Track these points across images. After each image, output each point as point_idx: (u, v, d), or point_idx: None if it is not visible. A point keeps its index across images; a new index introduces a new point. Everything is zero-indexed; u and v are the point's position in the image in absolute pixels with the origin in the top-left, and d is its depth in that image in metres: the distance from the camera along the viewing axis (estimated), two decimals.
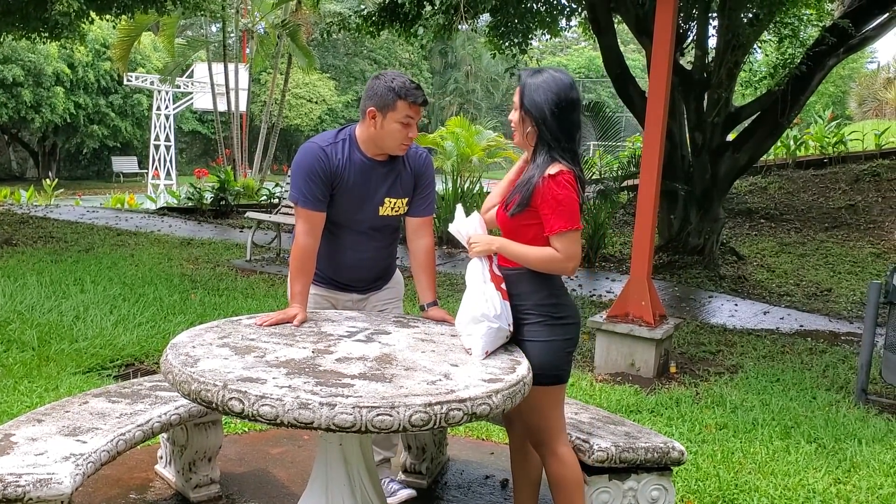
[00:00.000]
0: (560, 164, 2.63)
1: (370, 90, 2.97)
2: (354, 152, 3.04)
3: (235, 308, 6.59)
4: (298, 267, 3.05)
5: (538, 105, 2.65)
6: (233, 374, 2.34)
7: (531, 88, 2.67)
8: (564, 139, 2.65)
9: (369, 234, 3.16)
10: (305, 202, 3.01)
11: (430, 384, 2.35)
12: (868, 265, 9.64)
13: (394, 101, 2.91)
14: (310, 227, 3.04)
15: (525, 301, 2.74)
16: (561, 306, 2.76)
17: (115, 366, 5.21)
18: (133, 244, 9.45)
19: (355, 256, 3.17)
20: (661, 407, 4.83)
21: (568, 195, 2.61)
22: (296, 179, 3.03)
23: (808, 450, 4.23)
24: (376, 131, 2.96)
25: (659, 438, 3.11)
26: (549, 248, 2.66)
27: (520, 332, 2.77)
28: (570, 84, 2.67)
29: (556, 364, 2.74)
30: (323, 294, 3.23)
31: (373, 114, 2.95)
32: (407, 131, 2.96)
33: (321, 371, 2.42)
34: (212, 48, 21.10)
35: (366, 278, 3.26)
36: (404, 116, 2.92)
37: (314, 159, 3.00)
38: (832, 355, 6.22)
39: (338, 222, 3.10)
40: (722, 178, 9.20)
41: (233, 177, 14.83)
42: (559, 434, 2.80)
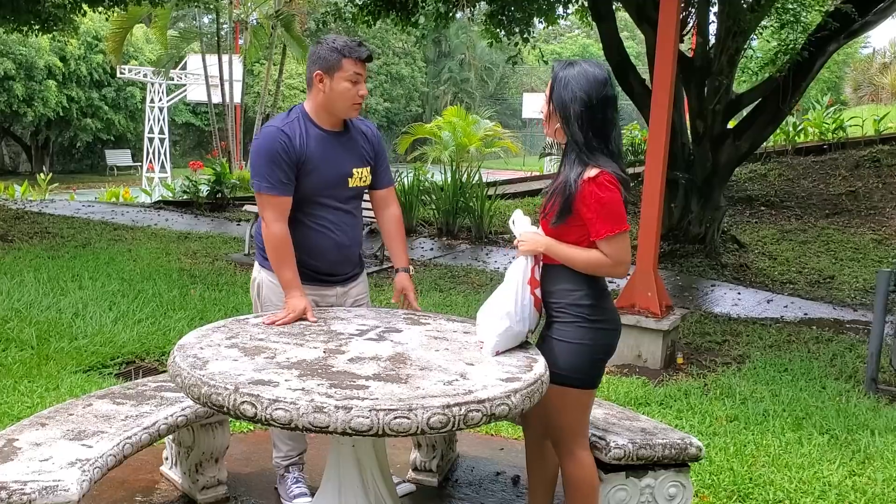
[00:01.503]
0: (596, 165, 2.49)
1: (313, 56, 2.96)
2: (310, 127, 3.00)
3: (236, 303, 6.52)
4: (281, 255, 2.98)
5: (565, 102, 2.53)
6: (244, 377, 2.28)
7: (561, 83, 2.55)
8: (597, 139, 2.52)
9: (346, 209, 3.11)
10: (271, 188, 2.93)
11: (446, 384, 2.29)
12: (870, 252, 9.60)
13: (338, 60, 2.89)
14: (279, 214, 2.96)
15: (560, 299, 2.65)
16: (598, 309, 2.63)
17: (115, 364, 5.14)
18: (130, 239, 9.36)
19: (337, 238, 3.09)
20: (670, 399, 4.78)
21: (611, 196, 2.48)
22: (258, 166, 2.95)
23: (820, 441, 4.19)
24: (326, 95, 2.93)
25: (676, 434, 3.06)
26: (596, 251, 2.55)
27: (549, 329, 2.69)
28: (603, 80, 2.53)
29: (582, 368, 2.64)
30: (308, 291, 3.10)
31: (320, 77, 2.92)
32: (357, 89, 2.93)
33: (334, 372, 2.35)
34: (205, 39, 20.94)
35: (349, 260, 3.19)
36: (352, 74, 2.90)
37: (276, 142, 2.93)
38: (839, 344, 6.17)
39: (316, 202, 3.02)
40: (723, 165, 9.14)
41: (228, 169, 14.74)
42: (579, 437, 2.73)
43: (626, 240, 2.55)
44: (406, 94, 44.42)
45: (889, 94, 22.38)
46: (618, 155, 2.57)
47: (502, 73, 48.81)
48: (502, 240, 10.31)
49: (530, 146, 38.69)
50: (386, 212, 3.27)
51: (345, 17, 10.70)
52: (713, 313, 7.09)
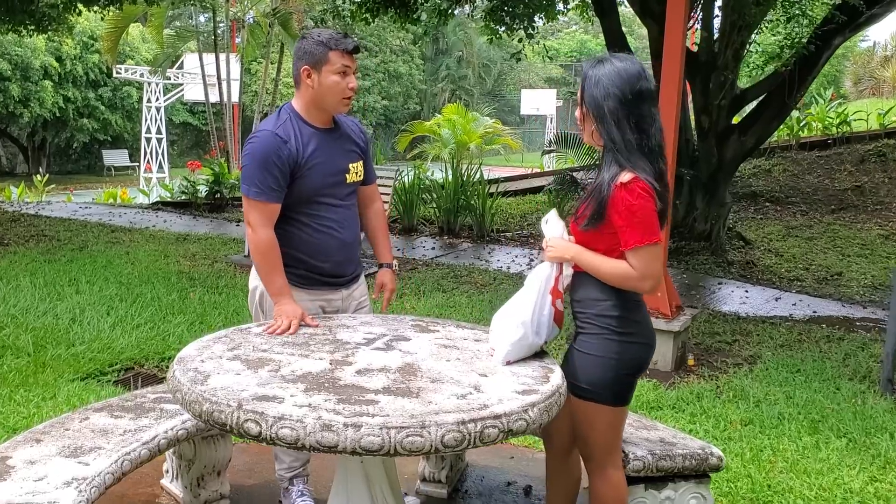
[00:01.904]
0: (632, 170, 2.35)
1: (298, 52, 2.87)
2: (301, 126, 2.91)
3: (236, 306, 6.40)
4: (271, 261, 2.88)
5: (598, 101, 2.37)
6: (247, 392, 2.16)
7: (591, 82, 2.40)
8: (635, 138, 2.36)
9: (346, 206, 3.02)
10: (260, 193, 2.83)
11: (460, 398, 2.18)
12: (877, 248, 9.48)
13: (325, 53, 2.81)
14: (266, 220, 2.87)
15: (587, 309, 2.50)
16: (627, 321, 2.47)
17: (114, 370, 5.03)
18: (128, 241, 9.24)
19: (341, 236, 3.00)
20: (683, 402, 4.67)
21: (643, 205, 2.32)
22: (249, 170, 2.85)
23: (838, 445, 4.08)
24: (315, 90, 2.85)
25: (696, 444, 2.95)
26: (624, 263, 2.39)
27: (575, 341, 2.55)
28: (636, 73, 2.37)
29: (607, 384, 2.48)
30: (308, 297, 3.02)
31: (307, 72, 2.84)
32: (346, 81, 2.85)
33: (342, 386, 2.24)
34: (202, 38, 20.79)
35: (353, 260, 3.11)
36: (340, 66, 2.82)
37: (271, 146, 2.82)
38: (850, 343, 6.06)
39: (317, 201, 2.93)
40: (728, 161, 9.02)
41: (227, 169, 14.60)
42: (611, 454, 2.58)
43: (656, 252, 2.37)
44: (404, 91, 44.28)
45: (890, 87, 22.26)
46: (658, 153, 2.40)
47: (500, 70, 48.67)
48: (504, 238, 10.20)
49: (529, 142, 38.56)
50: (371, 207, 3.23)
51: (343, 15, 10.57)
52: (721, 312, 6.98)
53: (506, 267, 8.58)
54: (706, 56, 8.50)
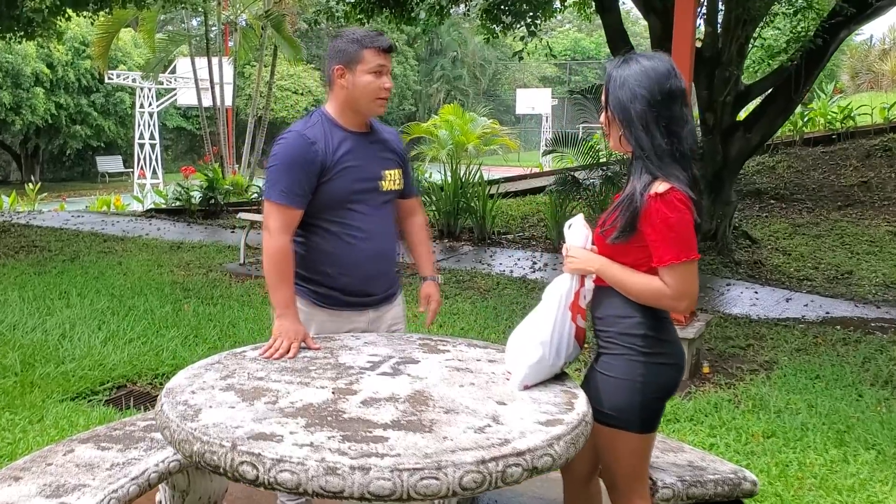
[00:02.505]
0: (666, 179, 2.14)
1: (332, 51, 2.70)
2: (333, 128, 2.72)
3: (231, 318, 6.19)
4: (283, 270, 2.68)
5: (624, 104, 2.18)
6: (242, 430, 1.95)
7: (616, 84, 2.20)
8: (666, 142, 2.15)
9: (381, 216, 2.80)
10: (281, 196, 2.64)
11: (478, 432, 1.97)
12: (886, 244, 9.29)
13: (359, 51, 2.64)
14: (285, 225, 2.66)
15: (609, 327, 2.30)
16: (655, 341, 2.26)
17: (105, 389, 4.82)
18: (121, 251, 9.02)
19: (371, 247, 2.77)
20: (701, 414, 4.46)
21: (680, 218, 2.12)
22: (275, 172, 2.67)
23: (867, 458, 3.88)
24: (349, 91, 2.67)
25: (727, 467, 2.74)
26: (656, 279, 2.18)
27: (597, 362, 2.35)
28: (665, 71, 2.16)
29: (631, 409, 2.26)
30: (329, 318, 2.81)
31: (341, 72, 2.67)
32: (381, 81, 2.66)
33: (346, 420, 2.03)
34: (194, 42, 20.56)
35: (384, 277, 2.86)
36: (375, 65, 2.65)
37: (299, 147, 2.65)
38: (868, 345, 5.87)
39: (346, 207, 2.72)
40: (733, 159, 8.83)
41: (221, 174, 14.39)
42: (637, 483, 2.37)
43: (692, 270, 2.17)
44: (399, 92, 44.05)
45: (889, 80, 22.09)
46: (690, 157, 2.20)
47: (495, 70, 48.47)
48: (506, 240, 9.99)
49: (525, 142, 38.37)
50: (412, 220, 3.05)
51: (337, 16, 10.37)
52: (732, 315, 6.78)
53: (508, 271, 8.37)
54: (710, 52, 8.30)
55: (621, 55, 2.28)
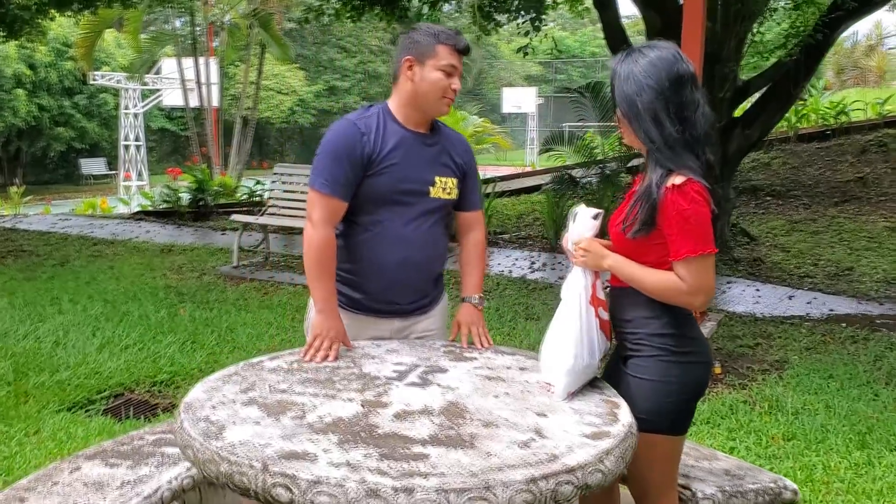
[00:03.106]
0: (681, 171, 2.07)
1: (405, 42, 2.57)
2: (390, 123, 2.59)
3: (230, 323, 6.05)
4: (323, 264, 2.54)
5: (631, 99, 2.12)
6: (271, 448, 1.82)
7: (621, 78, 2.14)
8: (677, 130, 2.08)
9: (418, 224, 2.61)
10: (324, 185, 2.51)
11: (522, 447, 1.85)
12: (885, 240, 9.25)
13: (433, 45, 2.51)
14: (328, 216, 2.54)
15: (638, 329, 2.22)
16: (684, 339, 2.20)
17: (102, 398, 4.66)
18: (111, 254, 8.84)
19: (403, 254, 2.60)
20: (717, 416, 4.37)
21: (697, 210, 2.06)
22: (320, 160, 2.55)
23: (892, 460, 3.79)
24: (415, 85, 2.53)
25: (766, 476, 2.64)
26: (671, 275, 2.11)
27: (628, 366, 2.25)
28: (670, 57, 2.11)
29: (668, 411, 2.20)
30: (352, 323, 2.66)
31: (410, 63, 2.53)
32: (450, 81, 2.53)
33: (381, 436, 1.90)
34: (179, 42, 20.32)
35: (412, 288, 2.69)
36: (447, 64, 2.52)
37: (345, 135, 2.53)
38: (877, 343, 5.79)
39: (382, 207, 2.57)
40: (732, 156, 8.73)
41: (209, 175, 14.21)
42: (668, 491, 2.28)
43: (709, 264, 2.10)
44: (384, 91, 43.84)
45: (876, 76, 22.17)
46: (704, 142, 2.12)
47: (480, 68, 48.38)
48: (502, 240, 9.88)
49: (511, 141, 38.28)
50: (470, 235, 2.83)
51: (328, 14, 10.22)
52: (737, 313, 6.69)
53: (507, 271, 8.26)
54: (710, 47, 8.20)
55: (624, 50, 2.21)
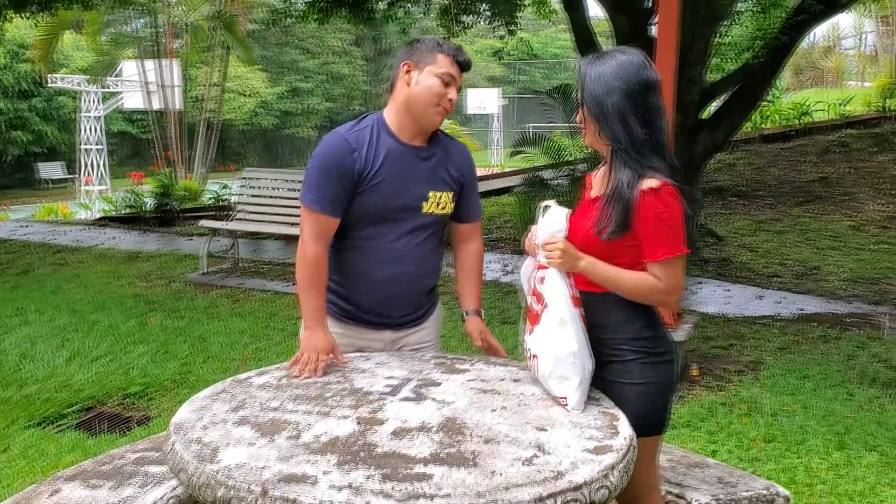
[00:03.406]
0: (654, 174, 2.10)
1: (405, 50, 2.53)
2: (384, 136, 2.51)
3: (201, 332, 5.95)
4: (313, 278, 2.50)
5: (600, 99, 2.13)
6: (269, 471, 1.77)
7: (591, 79, 2.15)
8: (644, 132, 2.11)
9: (411, 239, 2.57)
10: (314, 202, 2.46)
11: (526, 464, 1.82)
12: (848, 239, 9.41)
13: (433, 53, 2.46)
14: (318, 232, 2.49)
15: (618, 334, 2.23)
16: (658, 340, 2.25)
17: (73, 412, 4.55)
18: (76, 262, 8.65)
19: (394, 270, 2.57)
20: (697, 419, 4.39)
21: (673, 214, 2.10)
22: (310, 175, 2.49)
23: (871, 460, 3.84)
24: (410, 90, 2.46)
25: (759, 484, 2.64)
26: (647, 275, 2.14)
27: (608, 371, 2.25)
28: (639, 62, 2.15)
29: (655, 412, 2.24)
30: (344, 332, 2.63)
31: (408, 67, 2.47)
32: (446, 91, 2.45)
33: (380, 455, 1.86)
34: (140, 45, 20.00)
35: (404, 302, 2.65)
36: (445, 73, 2.45)
37: (335, 150, 2.47)
38: (848, 342, 5.87)
39: (372, 223, 2.53)
40: (699, 157, 8.81)
41: (174, 180, 14.01)
42: (653, 492, 2.31)
43: (683, 264, 2.17)
44: (347, 93, 43.71)
45: (833, 77, 22.57)
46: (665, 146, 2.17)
47: None
48: None
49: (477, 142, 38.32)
50: (468, 246, 2.77)
51: (295, 15, 10.13)
52: (709, 314, 6.74)
53: None
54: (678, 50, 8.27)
55: (593, 53, 2.23)
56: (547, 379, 2.19)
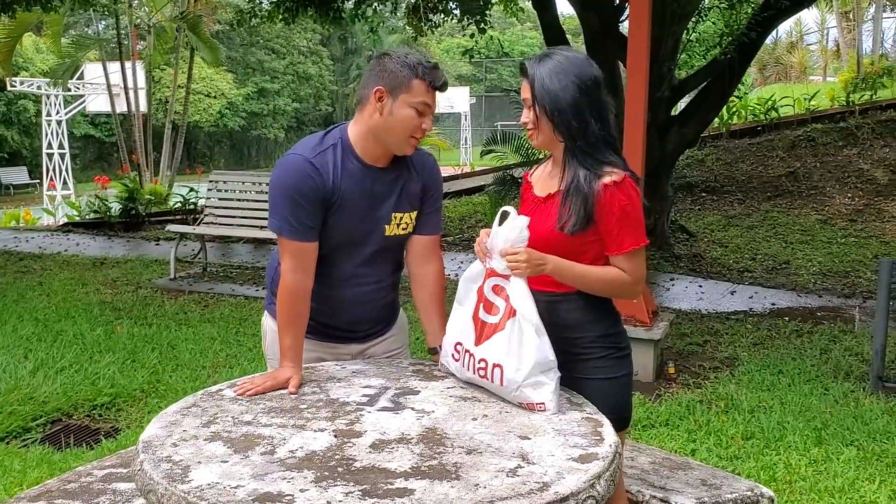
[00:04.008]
0: (612, 167, 2.14)
1: (376, 68, 2.33)
2: (349, 159, 2.38)
3: (171, 339, 5.82)
4: (289, 314, 2.39)
5: (556, 95, 2.13)
6: (243, 490, 1.69)
7: (544, 76, 2.15)
8: (598, 127, 2.15)
9: (373, 261, 2.49)
10: (293, 232, 2.34)
11: (510, 475, 1.76)
12: (817, 233, 9.48)
13: (409, 79, 2.27)
14: (299, 263, 2.37)
15: (587, 332, 2.25)
16: (622, 335, 2.34)
17: (38, 425, 4.42)
18: (40, 269, 8.45)
19: (356, 291, 2.51)
20: (675, 418, 4.36)
21: (636, 206, 2.14)
22: (277, 204, 2.34)
23: (849, 455, 3.84)
24: (382, 119, 2.31)
25: (743, 485, 2.61)
26: (612, 268, 2.17)
27: (576, 370, 2.25)
28: (585, 60, 2.20)
29: (623, 404, 2.31)
30: (311, 348, 2.55)
31: (380, 94, 2.29)
32: (421, 121, 2.32)
33: (360, 470, 1.79)
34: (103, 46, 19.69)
35: (369, 319, 2.60)
36: (420, 102, 2.29)
37: (301, 177, 2.31)
38: (821, 336, 5.90)
39: (334, 249, 2.43)
40: (669, 154, 8.84)
41: (140, 184, 13.78)
42: (620, 488, 2.30)
43: (644, 255, 2.21)
44: (314, 93, 43.49)
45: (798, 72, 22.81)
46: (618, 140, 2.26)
47: None
48: (445, 243, 9.80)
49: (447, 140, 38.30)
50: (426, 268, 2.58)
51: (261, 16, 9.99)
52: (683, 311, 6.76)
53: (453, 274, 8.17)
54: None
55: (538, 54, 2.25)
56: (520, 387, 2.12)
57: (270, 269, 2.61)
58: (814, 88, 14.97)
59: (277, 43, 40.67)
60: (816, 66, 26.16)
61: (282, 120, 40.26)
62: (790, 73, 23.48)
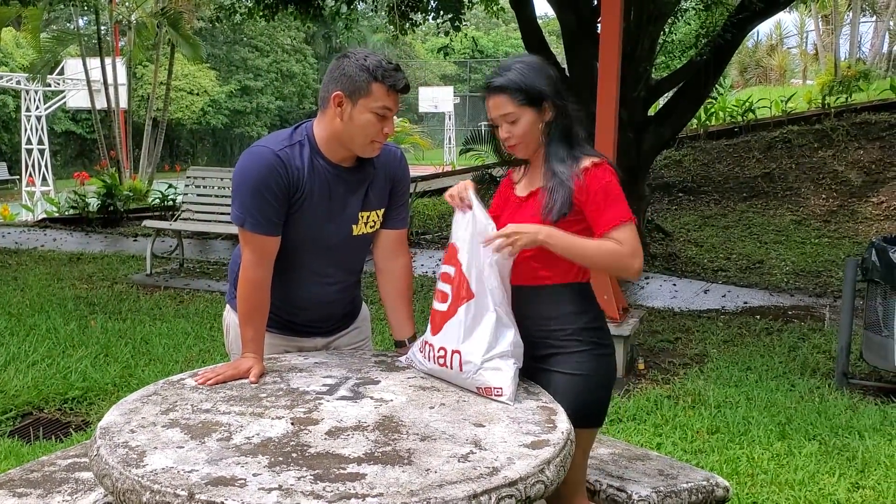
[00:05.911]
0: (587, 155, 2.22)
1: (335, 71, 2.30)
2: (316, 158, 2.37)
3: (144, 334, 5.82)
4: (250, 306, 2.40)
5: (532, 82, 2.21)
6: (197, 474, 1.72)
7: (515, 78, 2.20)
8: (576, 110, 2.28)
9: (338, 260, 2.51)
10: (255, 225, 2.33)
11: (462, 461, 1.80)
12: (792, 233, 9.59)
13: (367, 83, 2.24)
14: (260, 257, 2.38)
15: (566, 325, 2.25)
16: (604, 332, 2.32)
17: (8, 419, 4.41)
18: (15, 264, 8.41)
19: (320, 291, 2.52)
20: (642, 412, 4.42)
21: (617, 185, 2.18)
22: (241, 195, 2.33)
23: (811, 449, 3.90)
24: (343, 124, 2.29)
25: (699, 475, 2.66)
26: (606, 241, 2.16)
27: (552, 363, 2.26)
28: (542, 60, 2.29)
29: (594, 403, 2.28)
30: (277, 343, 2.58)
31: (339, 99, 2.27)
32: (382, 125, 2.31)
33: (313, 456, 1.82)
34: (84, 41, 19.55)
35: (332, 315, 2.63)
36: (381, 106, 2.27)
37: (267, 170, 2.29)
38: (790, 334, 5.98)
39: (298, 248, 2.43)
40: (646, 154, 8.90)
41: (118, 180, 13.72)
42: (581, 486, 2.35)
43: (636, 230, 2.21)
44: (298, 91, 43.36)
45: (777, 75, 23.00)
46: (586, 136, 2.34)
47: None
48: (424, 241, 9.84)
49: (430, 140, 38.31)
50: (394, 262, 2.60)
51: (240, 13, 9.98)
52: (656, 308, 6.83)
53: (431, 272, 8.23)
54: (624, 47, 8.29)
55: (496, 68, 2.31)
56: (479, 370, 2.16)
57: (234, 263, 2.59)
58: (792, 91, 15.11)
59: (261, 41, 40.53)
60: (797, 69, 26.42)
61: (265, 118, 40.14)
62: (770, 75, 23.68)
